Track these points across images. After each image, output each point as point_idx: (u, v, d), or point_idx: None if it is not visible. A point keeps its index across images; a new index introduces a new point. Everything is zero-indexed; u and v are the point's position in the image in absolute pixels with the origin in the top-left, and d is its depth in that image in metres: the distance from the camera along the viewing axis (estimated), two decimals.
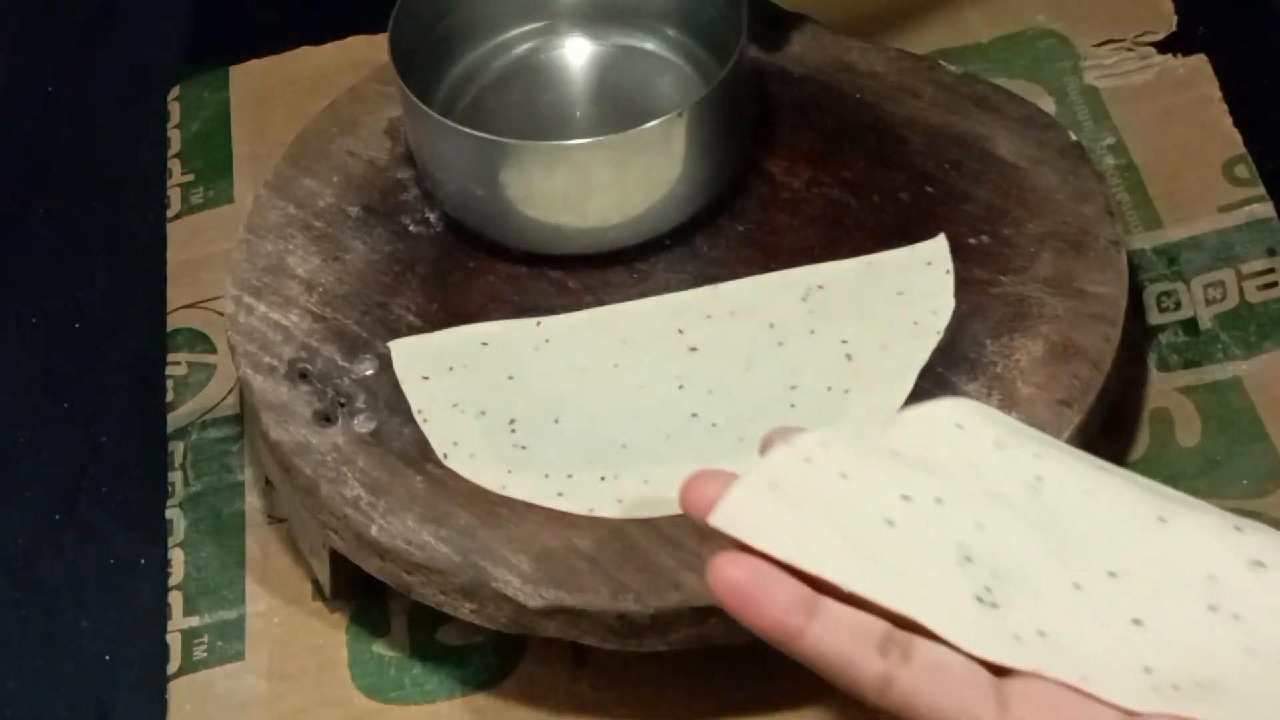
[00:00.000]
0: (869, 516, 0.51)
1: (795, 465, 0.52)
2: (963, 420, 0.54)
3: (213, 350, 0.81)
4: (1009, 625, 0.49)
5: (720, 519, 0.51)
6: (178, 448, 0.78)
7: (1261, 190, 0.79)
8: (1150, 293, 0.77)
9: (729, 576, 0.50)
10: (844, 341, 0.70)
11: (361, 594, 0.71)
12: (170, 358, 0.81)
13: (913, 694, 0.49)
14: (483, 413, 0.69)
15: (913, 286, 0.71)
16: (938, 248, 0.72)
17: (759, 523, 0.51)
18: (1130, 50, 0.85)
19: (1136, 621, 0.50)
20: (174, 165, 0.89)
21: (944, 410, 0.54)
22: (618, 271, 0.74)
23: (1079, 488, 0.52)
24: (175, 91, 0.93)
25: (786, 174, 0.77)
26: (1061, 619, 0.50)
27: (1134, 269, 0.73)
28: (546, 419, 0.69)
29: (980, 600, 0.50)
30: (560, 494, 0.66)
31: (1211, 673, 0.48)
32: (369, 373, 0.71)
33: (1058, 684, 0.49)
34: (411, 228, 0.76)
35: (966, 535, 0.51)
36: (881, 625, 0.49)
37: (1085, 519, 0.51)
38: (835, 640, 0.49)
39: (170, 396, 0.80)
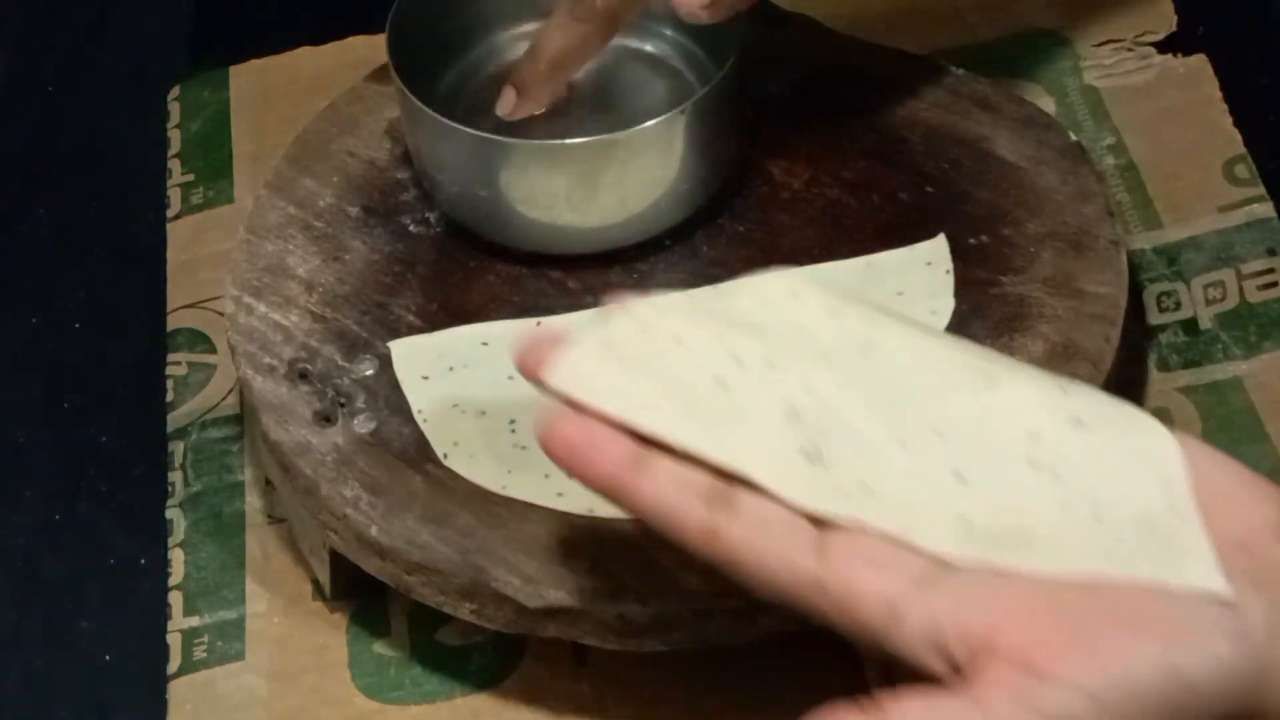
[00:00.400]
0: (700, 377, 0.53)
1: (630, 329, 0.54)
2: (797, 289, 0.55)
3: (213, 350, 0.81)
4: (833, 480, 0.51)
5: (554, 378, 0.53)
6: (178, 448, 0.78)
7: (1261, 190, 0.79)
8: (1150, 293, 0.77)
9: (562, 433, 0.52)
10: None
11: (361, 594, 0.71)
12: (170, 358, 0.81)
13: (736, 545, 0.51)
14: (483, 413, 0.69)
15: (913, 286, 0.71)
16: (938, 248, 0.72)
17: (592, 381, 0.52)
18: (1130, 50, 0.85)
19: (958, 476, 0.51)
20: (174, 165, 0.89)
21: (777, 279, 0.56)
22: (618, 272, 0.74)
23: (909, 351, 0.54)
24: (175, 91, 0.93)
25: (786, 174, 0.77)
26: (885, 474, 0.51)
27: (1134, 269, 0.73)
28: None
29: (807, 457, 0.51)
30: (560, 494, 0.66)
31: (1026, 525, 0.50)
32: (369, 373, 0.71)
33: (877, 534, 0.50)
34: (411, 228, 0.76)
35: (795, 395, 0.52)
36: (708, 480, 0.51)
37: (913, 380, 0.53)
38: (662, 493, 0.51)
39: (170, 396, 0.80)
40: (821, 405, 0.52)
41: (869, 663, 0.67)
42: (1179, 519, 0.50)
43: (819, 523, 0.51)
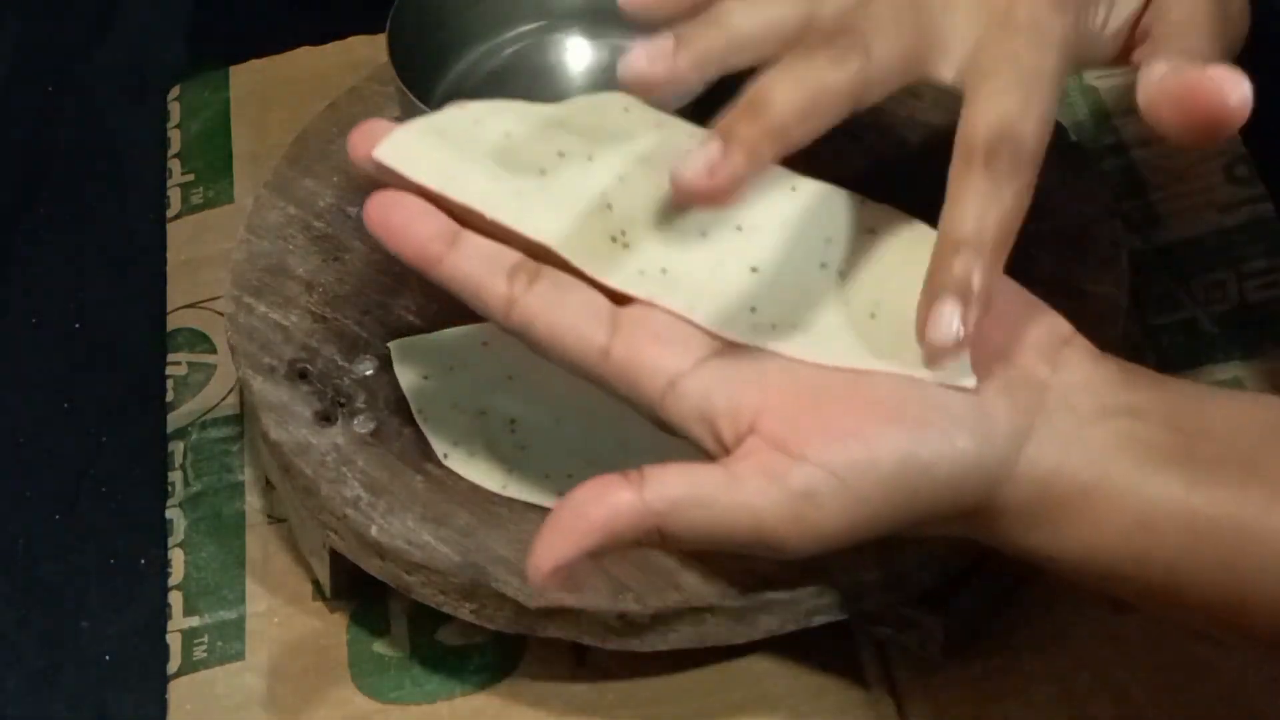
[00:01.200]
0: (523, 164, 0.56)
1: (463, 119, 0.58)
2: (630, 105, 0.59)
3: (213, 350, 0.81)
4: (635, 262, 0.55)
5: (382, 152, 0.55)
6: (178, 448, 0.78)
7: (1261, 190, 0.79)
8: (1150, 293, 0.77)
9: (379, 207, 0.55)
10: None
11: (361, 594, 0.71)
12: (170, 358, 0.81)
13: (532, 314, 0.55)
14: (483, 413, 0.69)
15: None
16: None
17: (418, 157, 0.56)
18: None
19: (753, 269, 0.56)
20: (174, 165, 0.89)
21: (612, 96, 0.59)
22: None
23: None
24: (175, 91, 0.93)
25: None
26: (684, 260, 0.56)
27: (1134, 269, 0.73)
28: (546, 419, 0.69)
29: (613, 240, 0.56)
30: (560, 494, 0.66)
31: (807, 319, 0.55)
32: (369, 373, 0.71)
33: (667, 312, 0.55)
34: None
35: (611, 187, 0.56)
36: (515, 255, 0.55)
37: None
38: (469, 266, 0.55)
39: (170, 396, 0.80)
40: (633, 197, 0.56)
41: (868, 662, 0.67)
42: None
43: (616, 299, 0.55)
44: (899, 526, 0.53)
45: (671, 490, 0.52)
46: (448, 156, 0.56)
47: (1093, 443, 0.52)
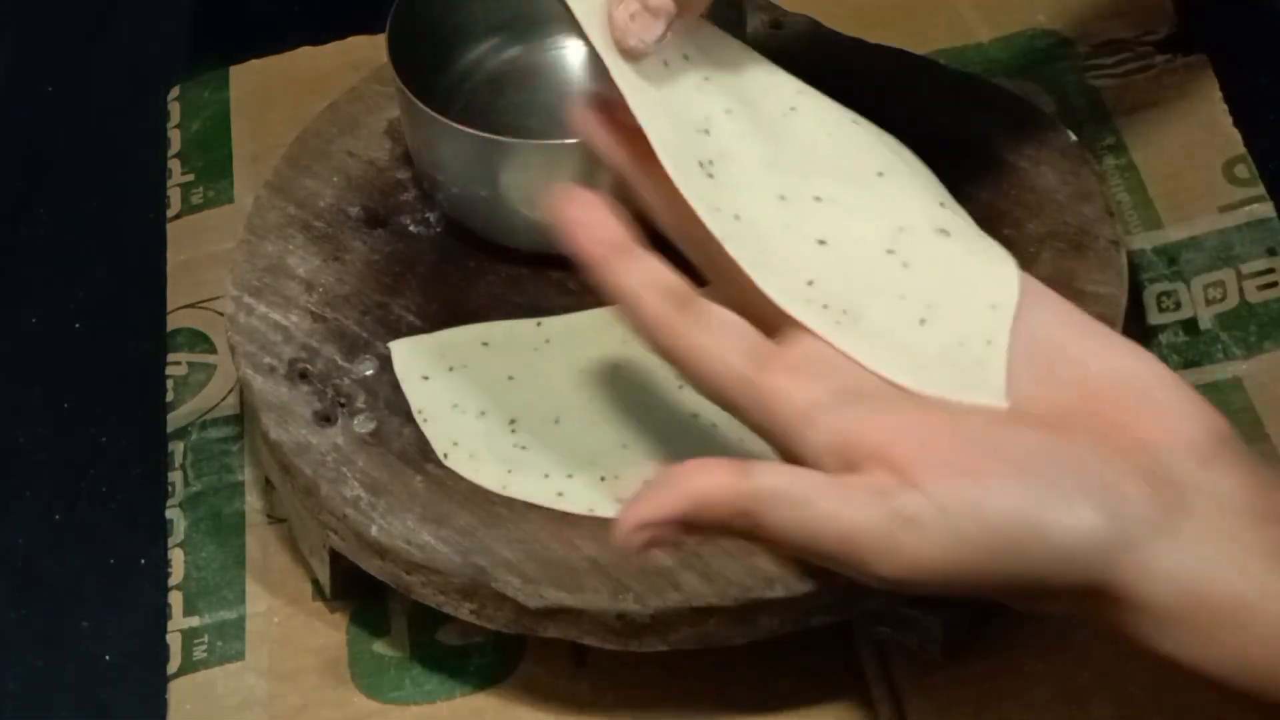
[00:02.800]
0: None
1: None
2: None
3: (213, 350, 0.81)
4: (714, 196, 0.55)
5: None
6: (178, 448, 0.78)
7: (1261, 190, 0.79)
8: (1150, 293, 0.77)
9: (570, 207, 0.56)
10: None
11: (361, 594, 0.71)
12: (170, 358, 0.81)
13: (678, 337, 0.54)
14: (483, 413, 0.69)
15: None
16: None
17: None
18: (1130, 50, 0.85)
19: (820, 241, 0.55)
20: (174, 165, 0.89)
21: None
22: None
23: (823, 126, 0.58)
24: (175, 91, 0.93)
25: None
26: (757, 215, 0.55)
27: (1134, 269, 0.73)
28: (546, 419, 0.69)
29: (701, 165, 0.56)
30: (560, 494, 0.66)
31: (860, 302, 0.54)
32: (369, 373, 0.71)
33: (730, 261, 0.55)
34: (411, 228, 0.77)
35: (715, 115, 0.57)
36: (674, 279, 0.55)
37: (815, 151, 0.57)
38: (639, 284, 0.55)
39: (170, 396, 0.80)
40: (729, 132, 0.57)
41: (868, 662, 0.67)
42: (990, 343, 0.53)
43: (771, 333, 0.54)
44: (1004, 586, 0.51)
45: (773, 480, 0.51)
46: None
47: (1248, 552, 0.50)
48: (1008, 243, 0.72)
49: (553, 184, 0.71)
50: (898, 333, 0.53)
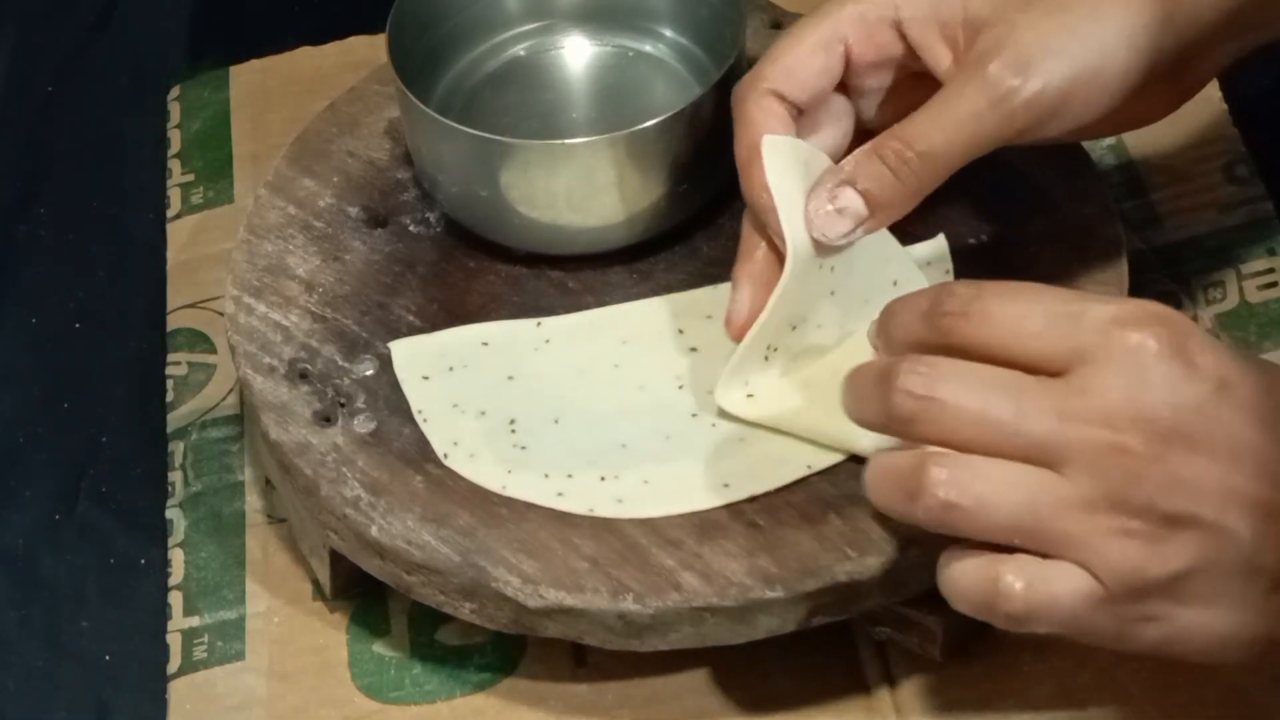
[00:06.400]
0: None
1: None
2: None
3: (213, 350, 0.81)
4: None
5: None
6: (178, 448, 0.78)
7: (1261, 190, 0.79)
8: (1150, 293, 0.77)
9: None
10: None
11: (361, 594, 0.71)
12: (170, 358, 0.81)
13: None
14: (483, 413, 0.69)
15: (910, 282, 0.71)
16: (937, 247, 0.72)
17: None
18: None
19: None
20: (174, 165, 0.89)
21: None
22: (618, 271, 0.74)
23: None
24: (175, 91, 0.93)
25: None
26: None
27: (1134, 269, 0.73)
28: (546, 419, 0.69)
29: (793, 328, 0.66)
30: (560, 494, 0.66)
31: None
32: (369, 373, 0.71)
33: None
34: (411, 228, 0.77)
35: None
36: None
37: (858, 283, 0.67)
38: None
39: (170, 396, 0.80)
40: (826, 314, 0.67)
41: (868, 662, 0.67)
42: None
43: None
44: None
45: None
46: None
47: None
48: (1008, 242, 0.72)
49: (553, 184, 0.71)
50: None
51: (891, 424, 0.56)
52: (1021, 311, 0.55)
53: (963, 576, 0.55)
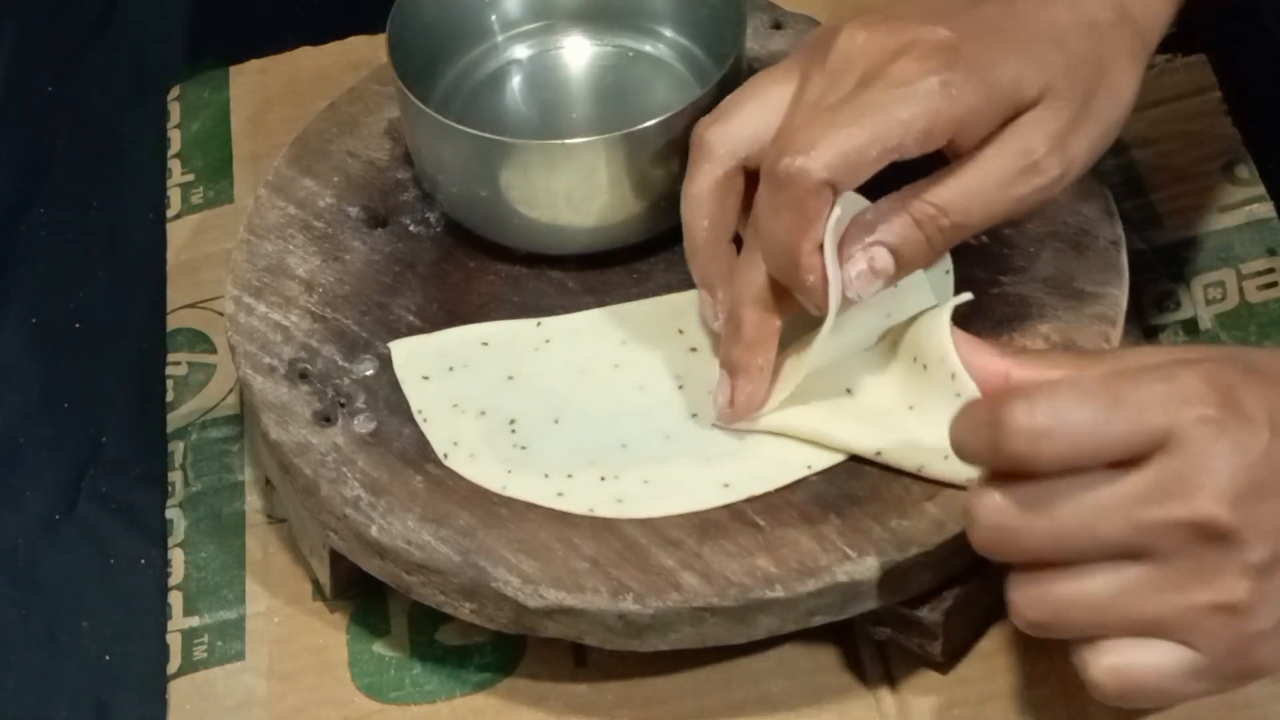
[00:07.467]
0: None
1: None
2: None
3: (213, 350, 0.81)
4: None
5: None
6: (178, 448, 0.78)
7: (1261, 190, 0.79)
8: (1150, 293, 0.77)
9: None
10: None
11: (361, 594, 0.71)
12: (170, 358, 0.81)
13: None
14: (483, 413, 0.69)
15: (911, 284, 0.71)
16: None
17: None
18: None
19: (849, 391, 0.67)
20: (174, 165, 0.89)
21: None
22: (618, 271, 0.74)
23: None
24: (175, 91, 0.93)
25: None
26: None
27: (1134, 269, 0.73)
28: (546, 419, 0.69)
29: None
30: (560, 494, 0.66)
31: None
32: (369, 373, 0.71)
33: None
34: (411, 228, 0.77)
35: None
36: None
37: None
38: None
39: (170, 396, 0.80)
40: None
41: (868, 661, 0.67)
42: None
43: None
44: None
45: None
46: None
47: None
48: (1008, 242, 0.72)
49: (552, 184, 0.71)
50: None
51: (980, 551, 0.57)
52: (1082, 426, 0.54)
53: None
